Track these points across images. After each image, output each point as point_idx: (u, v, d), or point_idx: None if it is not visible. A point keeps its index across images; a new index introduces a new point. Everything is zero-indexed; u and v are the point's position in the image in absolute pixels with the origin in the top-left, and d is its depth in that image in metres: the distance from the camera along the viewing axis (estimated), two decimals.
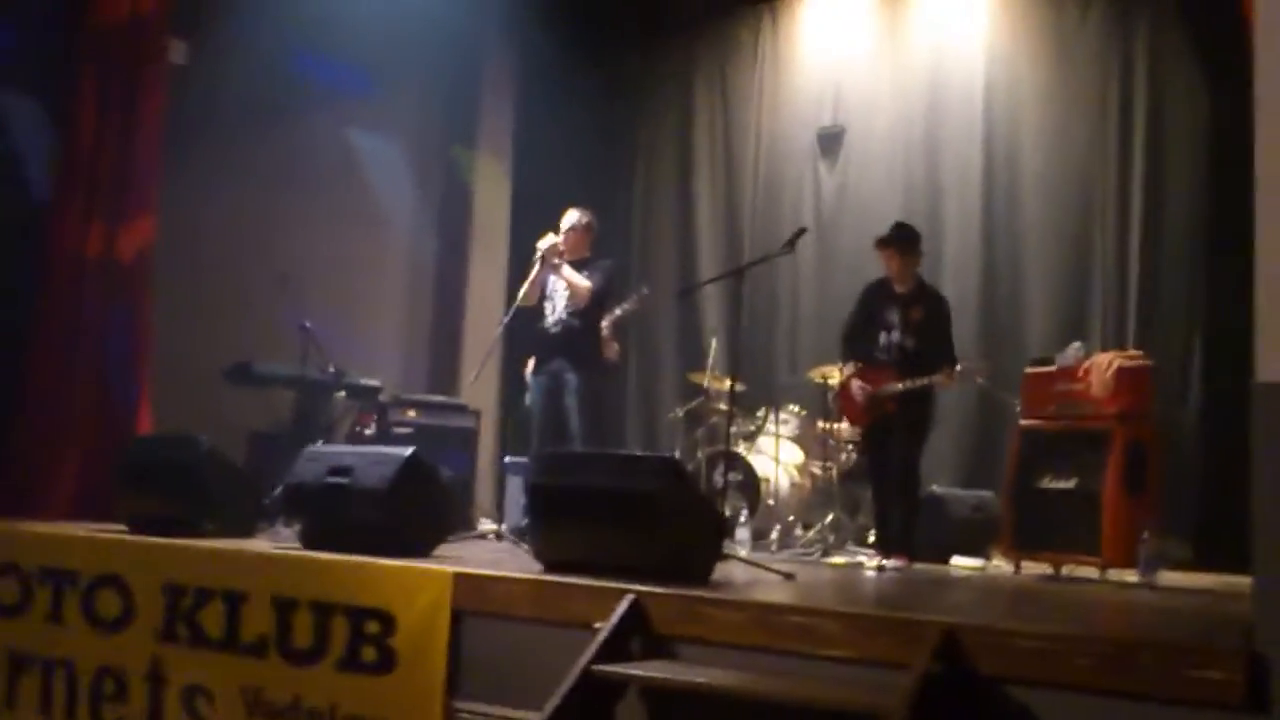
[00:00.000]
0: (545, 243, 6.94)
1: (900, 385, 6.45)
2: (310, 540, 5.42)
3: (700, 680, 3.59)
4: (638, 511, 4.34)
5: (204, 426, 6.55)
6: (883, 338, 6.62)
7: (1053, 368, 6.66)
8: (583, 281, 6.87)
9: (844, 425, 7.59)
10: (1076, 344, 6.84)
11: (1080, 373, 6.47)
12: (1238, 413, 3.21)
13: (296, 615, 4.82)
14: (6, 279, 7.20)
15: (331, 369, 7.74)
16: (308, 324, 7.43)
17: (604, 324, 7.24)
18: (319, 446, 6.06)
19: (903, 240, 6.65)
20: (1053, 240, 8.65)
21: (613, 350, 7.47)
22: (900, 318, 6.58)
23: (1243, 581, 3.26)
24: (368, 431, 8.12)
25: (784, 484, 8.02)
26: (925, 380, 6.40)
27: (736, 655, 3.74)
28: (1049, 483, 6.44)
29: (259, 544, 5.69)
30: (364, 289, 9.34)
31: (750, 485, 7.81)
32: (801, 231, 6.28)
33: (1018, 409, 6.81)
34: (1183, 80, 8.25)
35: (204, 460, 6.08)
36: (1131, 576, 5.99)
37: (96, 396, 7.30)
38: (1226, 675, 3.05)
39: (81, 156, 7.39)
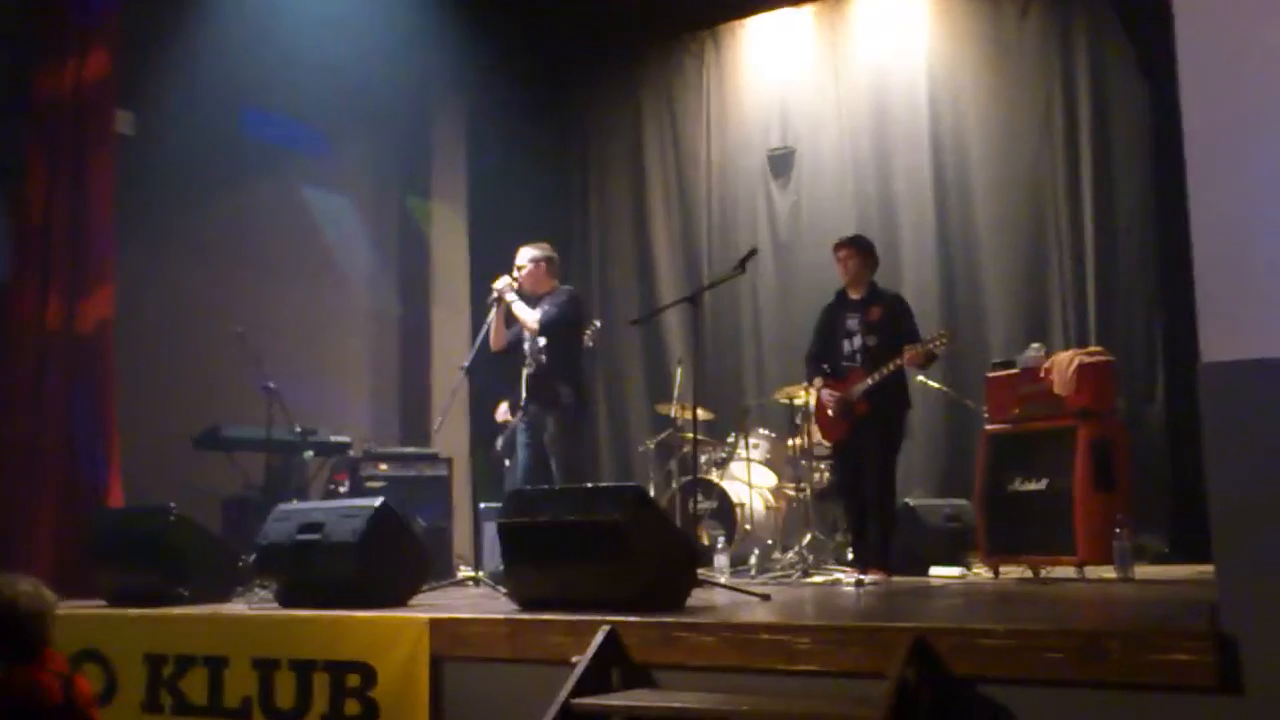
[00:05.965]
0: (500, 283, 6.89)
1: (870, 379, 6.45)
2: (286, 599, 5.40)
3: (679, 705, 3.59)
4: (606, 543, 4.35)
5: (176, 494, 6.51)
6: (846, 346, 6.63)
7: (1015, 370, 6.70)
8: (527, 314, 6.80)
9: (817, 442, 7.57)
10: (1036, 345, 6.91)
11: (1042, 373, 6.51)
12: None
13: (278, 675, 4.80)
14: None
15: (298, 429, 7.72)
16: (271, 384, 7.40)
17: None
18: (289, 505, 6.04)
19: (859, 242, 6.75)
20: (1008, 244, 8.73)
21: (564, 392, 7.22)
22: (860, 321, 6.59)
23: None
24: (342, 489, 8.10)
25: (759, 508, 8.03)
26: (891, 366, 6.38)
27: (715, 678, 3.75)
28: (1020, 485, 6.47)
29: (236, 607, 5.66)
30: (328, 346, 9.33)
31: (726, 512, 7.82)
32: (752, 252, 6.32)
33: (985, 415, 6.85)
34: (1124, 75, 8.35)
35: (173, 528, 6.04)
36: (1109, 573, 6.02)
37: (66, 471, 7.23)
38: (1194, 657, 3.08)
39: (35, 231, 7.36)
